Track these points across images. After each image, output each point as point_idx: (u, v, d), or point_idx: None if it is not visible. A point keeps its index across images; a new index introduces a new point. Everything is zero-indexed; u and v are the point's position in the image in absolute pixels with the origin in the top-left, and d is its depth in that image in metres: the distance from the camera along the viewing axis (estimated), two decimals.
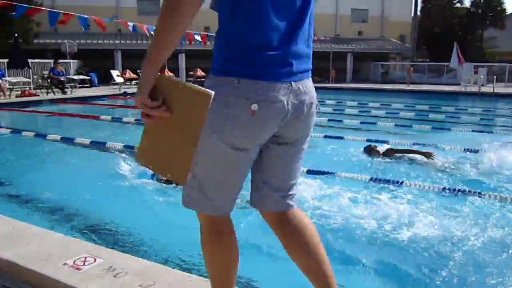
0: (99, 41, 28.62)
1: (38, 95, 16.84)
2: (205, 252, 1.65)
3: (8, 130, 8.80)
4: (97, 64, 27.92)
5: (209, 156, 1.48)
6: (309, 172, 5.26)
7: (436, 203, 4.32)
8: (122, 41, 29.10)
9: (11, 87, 16.59)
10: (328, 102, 15.42)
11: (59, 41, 26.49)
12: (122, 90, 19.80)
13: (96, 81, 24.47)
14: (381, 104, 15.23)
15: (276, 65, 1.41)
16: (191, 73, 26.17)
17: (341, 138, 7.92)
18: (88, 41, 28.20)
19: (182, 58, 29.39)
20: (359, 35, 35.45)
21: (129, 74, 23.70)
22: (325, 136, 7.98)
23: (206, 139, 1.42)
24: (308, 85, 1.52)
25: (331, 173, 5.29)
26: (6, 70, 17.67)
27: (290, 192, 1.63)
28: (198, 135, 1.33)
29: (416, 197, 4.52)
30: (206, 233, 1.61)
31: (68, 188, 4.97)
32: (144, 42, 29.38)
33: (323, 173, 5.28)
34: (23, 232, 2.88)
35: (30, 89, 17.86)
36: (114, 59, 28.36)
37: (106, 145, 7.09)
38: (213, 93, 1.29)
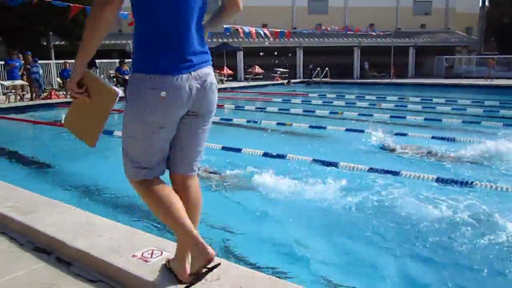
0: None
1: None
2: (146, 200, 2.05)
3: None
4: None
5: (134, 135, 1.95)
6: (371, 170, 5.14)
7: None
8: None
9: None
10: (390, 98, 14.96)
11: (123, 41, 27.66)
12: None
13: None
14: (446, 100, 14.55)
15: (177, 63, 1.87)
16: (249, 70, 26.34)
17: (405, 135, 7.67)
18: None
19: (240, 55, 29.66)
20: (421, 28, 34.11)
21: None
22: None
23: (130, 122, 1.93)
24: (206, 72, 1.97)
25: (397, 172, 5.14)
26: None
27: (197, 159, 2.12)
28: (106, 115, 1.95)
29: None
30: (139, 187, 2.04)
31: None
32: None
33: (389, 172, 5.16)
34: (96, 224, 3.01)
35: None
36: None
37: None
38: (119, 92, 1.88)
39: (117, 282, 2.37)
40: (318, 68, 26.08)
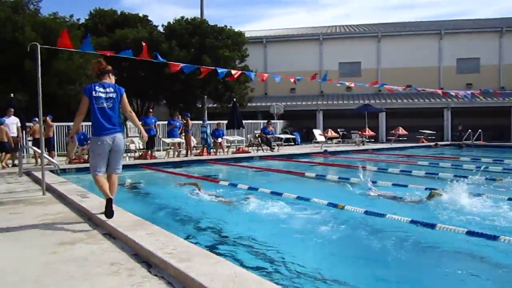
0: (303, 103, 30.59)
1: (250, 152, 18.66)
2: (97, 184, 5.30)
3: (226, 183, 9.87)
4: (300, 123, 29.77)
5: (92, 156, 5.39)
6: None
7: None
8: (323, 102, 30.51)
9: (229, 144, 18.86)
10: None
11: (268, 104, 29.32)
12: (323, 149, 20.47)
13: (299, 140, 25.91)
14: None
15: (104, 131, 5.18)
16: (393, 131, 25.56)
17: None
18: (293, 103, 30.43)
19: (382, 117, 29.10)
20: None
21: (330, 133, 24.44)
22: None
23: (91, 151, 5.49)
24: (116, 135, 5.27)
25: None
26: (225, 130, 20.20)
27: (117, 168, 5.41)
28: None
29: None
30: (95, 179, 5.28)
31: (285, 242, 5.20)
32: (345, 102, 30.21)
33: None
34: (244, 278, 3.07)
35: (243, 146, 19.98)
36: (316, 119, 29.78)
37: (311, 200, 7.32)
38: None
39: None
40: (469, 130, 24.16)
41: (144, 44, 10.60)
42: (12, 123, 13.53)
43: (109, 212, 5.01)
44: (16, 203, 6.81)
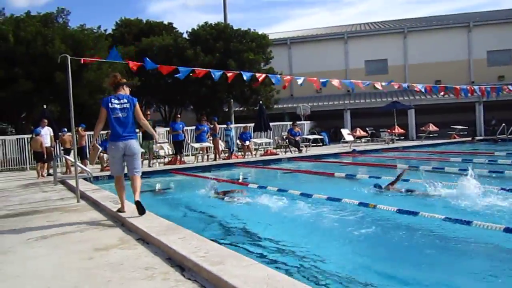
0: (330, 103, 30.36)
1: (278, 154, 18.64)
2: (115, 186, 6.15)
3: (255, 185, 9.88)
4: (328, 124, 29.55)
5: (110, 160, 6.10)
6: None
7: None
8: (351, 101, 30.20)
9: (257, 147, 18.89)
10: None
11: (294, 105, 29.24)
12: (352, 148, 20.25)
13: (327, 140, 25.72)
14: None
15: (119, 138, 5.83)
16: (423, 128, 25.07)
17: None
18: (320, 103, 30.24)
19: (411, 114, 28.60)
20: None
21: (359, 132, 24.17)
22: None
23: (108, 155, 6.35)
24: (130, 141, 5.89)
25: None
26: (252, 133, 20.24)
27: (135, 169, 5.93)
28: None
29: None
30: (115, 179, 6.11)
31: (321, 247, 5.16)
32: (373, 100, 29.82)
33: None
34: (277, 280, 3.06)
35: (271, 148, 19.98)
36: (344, 119, 29.51)
37: (342, 201, 7.24)
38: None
39: None
40: (504, 124, 23.44)
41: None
42: (46, 133, 13.95)
43: (140, 211, 5.64)
44: (52, 211, 7.01)
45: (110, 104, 5.85)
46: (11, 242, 4.97)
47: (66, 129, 14.85)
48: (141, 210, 5.61)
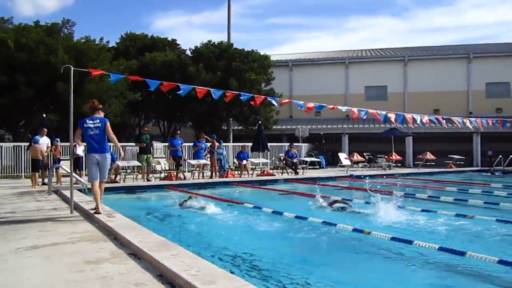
0: (328, 126, 30.47)
1: (274, 175, 18.61)
2: (92, 190, 7.37)
3: (251, 205, 9.84)
4: (326, 147, 29.60)
5: (87, 167, 7.58)
6: None
7: None
8: (349, 126, 30.33)
9: (254, 167, 18.86)
10: None
11: (293, 126, 29.33)
12: (349, 173, 20.24)
13: (324, 163, 25.71)
14: None
15: (94, 151, 7.26)
16: (420, 156, 25.13)
17: None
18: (318, 126, 30.35)
19: (409, 141, 28.71)
20: None
21: (356, 157, 24.19)
22: None
23: (87, 165, 7.83)
24: (102, 153, 7.31)
25: None
26: (250, 152, 20.23)
27: (103, 177, 7.47)
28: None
29: None
30: (91, 184, 7.32)
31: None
32: (371, 125, 29.96)
33: None
34: None
35: (267, 169, 19.96)
36: (342, 143, 29.57)
37: (337, 227, 7.22)
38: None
39: None
40: (500, 156, 23.53)
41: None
42: (44, 143, 13.90)
43: (98, 211, 7.09)
44: (44, 221, 6.95)
45: (85, 124, 7.29)
46: (2, 251, 4.92)
47: (58, 139, 14.81)
48: (98, 211, 7.08)
